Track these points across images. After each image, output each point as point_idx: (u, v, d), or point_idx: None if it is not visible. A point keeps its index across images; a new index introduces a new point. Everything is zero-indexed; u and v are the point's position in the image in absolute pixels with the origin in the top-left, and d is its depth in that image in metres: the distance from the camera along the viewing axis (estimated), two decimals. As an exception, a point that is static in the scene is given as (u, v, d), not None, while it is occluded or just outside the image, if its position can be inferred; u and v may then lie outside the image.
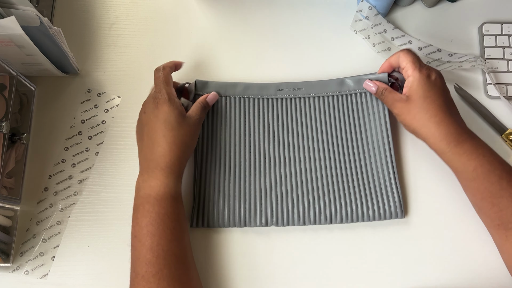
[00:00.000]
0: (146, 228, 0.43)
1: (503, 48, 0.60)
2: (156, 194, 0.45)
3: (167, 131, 0.47)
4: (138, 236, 0.44)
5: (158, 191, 0.45)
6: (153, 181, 0.46)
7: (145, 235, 0.43)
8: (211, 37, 0.61)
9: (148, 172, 0.46)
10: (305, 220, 0.51)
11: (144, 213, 0.44)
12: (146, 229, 0.43)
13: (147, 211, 0.44)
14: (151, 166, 0.46)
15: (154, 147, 0.47)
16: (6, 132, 0.48)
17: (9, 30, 0.45)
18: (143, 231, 0.43)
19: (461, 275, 0.50)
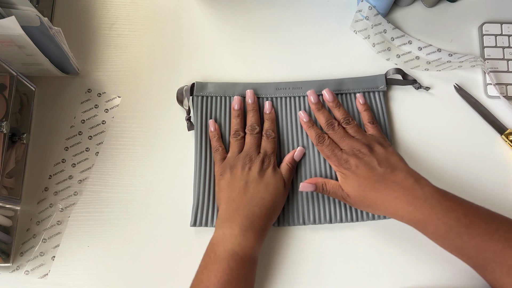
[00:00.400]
0: (224, 285, 0.43)
1: (503, 48, 0.60)
2: (243, 254, 0.45)
3: (267, 195, 0.48)
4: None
5: (246, 252, 0.45)
6: (244, 241, 0.46)
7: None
8: (211, 37, 0.61)
9: (241, 229, 0.46)
10: (305, 220, 0.51)
11: (227, 270, 0.44)
12: (223, 285, 0.43)
13: (230, 269, 0.44)
14: (245, 223, 0.46)
15: (252, 206, 0.47)
16: (6, 132, 0.48)
17: (9, 30, 0.45)
18: (219, 286, 0.43)
19: (461, 275, 0.50)
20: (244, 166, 0.50)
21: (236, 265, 0.44)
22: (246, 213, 0.47)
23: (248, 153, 0.51)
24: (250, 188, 0.48)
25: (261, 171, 0.49)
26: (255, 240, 0.46)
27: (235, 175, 0.49)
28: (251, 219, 0.47)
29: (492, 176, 0.55)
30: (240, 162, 0.50)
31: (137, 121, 0.57)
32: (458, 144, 0.56)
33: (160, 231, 0.52)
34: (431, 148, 0.56)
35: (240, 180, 0.49)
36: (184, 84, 0.58)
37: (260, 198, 0.48)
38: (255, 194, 0.48)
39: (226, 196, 0.49)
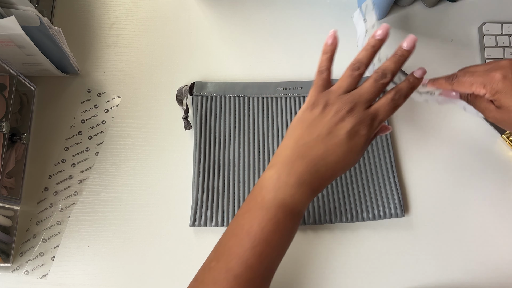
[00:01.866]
0: (267, 235, 0.39)
1: (503, 48, 0.60)
2: (294, 208, 0.40)
3: (342, 160, 0.40)
4: (251, 236, 0.39)
5: (297, 207, 0.40)
6: (298, 195, 0.40)
7: (261, 240, 0.39)
8: (211, 37, 0.61)
9: (299, 182, 0.40)
10: (305, 220, 0.51)
11: (274, 219, 0.39)
12: (266, 235, 0.39)
13: (277, 220, 0.39)
14: (304, 177, 0.40)
15: (321, 164, 0.40)
16: (6, 132, 0.48)
17: (9, 30, 0.45)
18: (260, 236, 0.39)
19: (461, 274, 0.50)
20: (340, 111, 0.40)
21: (284, 217, 0.39)
22: (311, 167, 0.40)
23: (356, 100, 0.40)
24: (331, 143, 0.40)
25: (353, 133, 0.39)
26: (308, 197, 0.40)
27: (324, 116, 0.40)
28: (313, 176, 0.40)
29: (492, 176, 0.55)
30: (340, 104, 0.40)
31: (137, 121, 0.57)
32: (458, 144, 0.56)
33: (160, 231, 0.52)
34: (431, 148, 0.56)
35: (326, 125, 0.40)
36: (184, 84, 0.58)
37: (334, 162, 0.40)
38: (332, 153, 0.40)
39: (300, 134, 0.41)
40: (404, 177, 0.54)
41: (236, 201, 0.52)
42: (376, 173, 0.53)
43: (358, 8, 0.52)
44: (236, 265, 0.39)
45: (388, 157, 0.54)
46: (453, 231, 0.52)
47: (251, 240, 0.39)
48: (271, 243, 0.39)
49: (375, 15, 0.55)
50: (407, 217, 0.53)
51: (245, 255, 0.39)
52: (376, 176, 0.53)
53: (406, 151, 0.56)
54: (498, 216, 0.53)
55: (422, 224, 0.52)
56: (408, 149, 0.56)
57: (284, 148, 0.41)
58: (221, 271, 0.39)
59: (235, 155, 0.54)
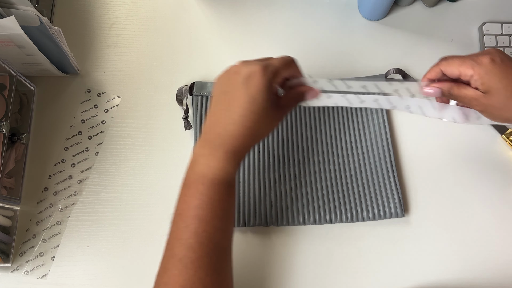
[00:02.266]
0: (195, 210, 0.39)
1: (503, 48, 0.60)
2: (213, 177, 0.40)
3: (248, 112, 0.40)
4: (183, 216, 0.40)
5: (216, 174, 0.40)
6: (214, 162, 0.40)
7: (191, 217, 0.39)
8: (211, 37, 0.61)
9: (211, 148, 0.41)
10: (305, 220, 0.51)
11: (196, 194, 0.40)
12: (194, 211, 0.39)
13: (200, 193, 0.40)
14: (216, 142, 0.41)
15: (228, 122, 0.40)
16: (6, 132, 0.48)
17: (9, 30, 0.45)
18: (190, 213, 0.40)
19: (461, 274, 0.50)
20: (233, 67, 0.41)
21: (205, 188, 0.40)
22: (218, 130, 0.41)
23: (251, 61, 0.42)
24: (230, 99, 0.40)
25: (248, 79, 0.40)
26: (227, 162, 0.40)
27: (220, 80, 0.42)
28: (223, 138, 0.40)
29: (492, 176, 0.55)
30: (237, 66, 0.42)
31: (137, 121, 0.57)
32: (458, 144, 0.56)
33: (160, 231, 0.52)
34: (431, 148, 0.56)
35: (221, 87, 0.41)
36: (184, 84, 0.57)
37: (240, 116, 0.40)
38: (235, 109, 0.40)
39: (210, 111, 0.42)
40: (404, 177, 0.54)
41: (237, 201, 0.52)
42: (376, 173, 0.53)
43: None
44: (178, 249, 0.39)
45: (388, 157, 0.54)
46: (453, 231, 0.52)
47: (183, 221, 0.40)
48: (203, 218, 0.39)
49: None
50: (407, 217, 0.53)
51: (183, 236, 0.39)
52: (376, 176, 0.53)
53: (406, 151, 0.56)
54: (498, 216, 0.53)
55: (422, 224, 0.52)
56: (408, 149, 0.56)
57: (203, 126, 0.43)
58: (168, 259, 0.40)
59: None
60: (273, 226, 0.51)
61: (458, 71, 0.44)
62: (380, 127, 0.55)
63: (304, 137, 0.55)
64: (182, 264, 0.39)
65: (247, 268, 0.50)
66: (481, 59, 0.43)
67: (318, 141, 0.55)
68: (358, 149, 0.55)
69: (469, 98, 0.44)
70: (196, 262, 0.38)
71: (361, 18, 0.63)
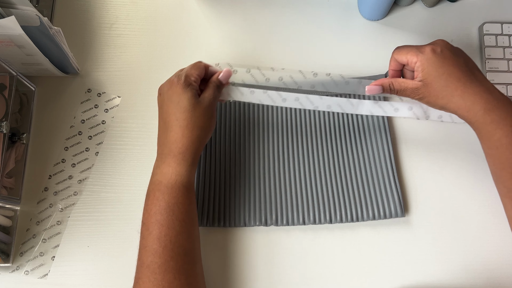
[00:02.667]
0: (155, 216, 0.42)
1: (503, 48, 0.60)
2: (167, 181, 0.43)
3: (179, 114, 0.44)
4: (146, 224, 0.42)
5: (169, 178, 0.43)
6: (165, 168, 0.44)
7: (153, 223, 0.42)
8: (211, 37, 0.61)
9: (162, 157, 0.45)
10: (305, 220, 0.51)
11: (154, 200, 0.43)
12: (154, 218, 0.42)
13: (157, 199, 0.43)
14: (164, 151, 0.45)
15: (168, 131, 0.45)
16: (6, 132, 0.48)
17: (9, 30, 0.45)
18: (152, 220, 0.42)
19: (461, 274, 0.50)
20: (159, 91, 0.48)
21: (161, 194, 0.43)
22: (163, 140, 0.45)
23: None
24: (162, 114, 0.46)
25: (168, 92, 0.46)
26: (177, 165, 0.44)
27: (158, 105, 0.48)
28: (168, 145, 0.44)
29: (492, 176, 0.55)
30: (159, 89, 0.48)
31: (137, 121, 0.57)
32: (458, 144, 0.56)
33: (160, 231, 0.52)
34: (431, 147, 0.56)
35: (159, 108, 0.48)
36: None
37: (174, 120, 0.45)
38: (167, 118, 0.45)
39: (158, 132, 0.48)
40: (404, 177, 0.54)
41: (235, 201, 0.52)
42: (376, 173, 0.53)
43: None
44: (145, 257, 0.41)
45: (388, 157, 0.54)
46: (453, 231, 0.52)
47: (146, 228, 0.42)
48: (163, 222, 0.41)
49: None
50: (407, 217, 0.53)
51: (147, 243, 0.41)
52: (376, 176, 0.53)
53: (406, 151, 0.56)
54: (498, 216, 0.53)
55: (422, 224, 0.52)
56: (408, 149, 0.56)
57: None
58: (138, 269, 0.42)
59: (235, 156, 0.54)
60: (273, 226, 0.51)
61: (406, 59, 0.47)
62: (380, 127, 0.55)
63: (304, 137, 0.55)
64: (150, 270, 0.40)
65: (247, 268, 0.51)
66: (424, 48, 0.46)
67: (318, 141, 0.55)
68: (358, 149, 0.55)
69: (409, 90, 0.48)
70: (163, 266, 0.40)
71: (361, 18, 0.63)
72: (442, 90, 0.45)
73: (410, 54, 0.47)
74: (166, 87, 0.47)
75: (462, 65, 0.45)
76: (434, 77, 0.45)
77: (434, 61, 0.45)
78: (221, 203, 0.52)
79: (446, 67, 0.45)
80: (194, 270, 0.43)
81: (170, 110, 0.45)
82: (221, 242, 0.51)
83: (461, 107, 0.45)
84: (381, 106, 0.51)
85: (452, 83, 0.45)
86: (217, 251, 0.51)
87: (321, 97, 0.51)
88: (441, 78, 0.45)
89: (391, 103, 0.51)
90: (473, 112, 0.44)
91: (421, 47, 0.47)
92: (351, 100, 0.51)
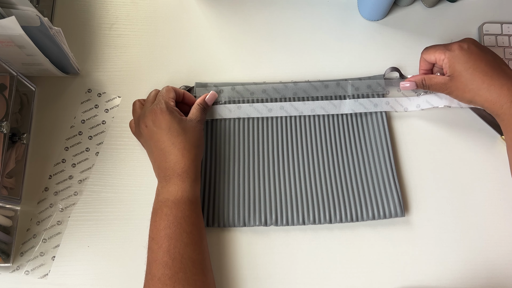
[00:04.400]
0: (164, 230, 0.44)
1: (503, 48, 0.60)
2: (174, 198, 0.46)
3: (174, 139, 0.47)
4: (155, 239, 0.44)
5: (176, 195, 0.46)
6: (171, 187, 0.46)
7: (162, 237, 0.44)
8: (211, 37, 0.61)
9: (166, 179, 0.47)
10: (305, 220, 0.51)
11: (162, 216, 0.45)
12: (163, 232, 0.44)
13: (165, 214, 0.45)
14: (168, 174, 0.47)
15: (167, 156, 0.47)
16: (7, 132, 0.48)
17: (9, 30, 0.45)
18: (161, 234, 0.44)
19: (461, 274, 0.50)
20: (141, 128, 0.49)
21: (169, 209, 0.45)
22: (164, 165, 0.47)
23: (140, 113, 0.50)
24: (154, 142, 0.48)
25: (155, 122, 0.48)
26: (183, 182, 0.46)
27: (143, 139, 0.50)
28: (171, 167, 0.47)
29: (492, 176, 0.55)
30: (138, 127, 0.50)
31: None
32: (458, 144, 0.56)
33: (160, 231, 0.52)
34: (431, 148, 0.56)
35: (146, 142, 0.50)
36: (184, 84, 0.58)
37: (170, 145, 0.47)
38: (162, 145, 0.47)
39: (152, 162, 0.50)
40: (404, 177, 0.54)
41: (235, 202, 0.52)
42: (376, 173, 0.53)
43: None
44: (155, 269, 0.43)
45: (388, 157, 0.54)
46: (453, 231, 0.52)
47: (155, 242, 0.44)
48: (172, 235, 0.43)
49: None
50: (407, 217, 0.53)
51: (158, 257, 0.43)
52: (376, 176, 0.53)
53: (406, 151, 0.56)
54: (498, 216, 0.53)
55: (422, 224, 0.52)
56: (408, 149, 0.56)
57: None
58: (148, 282, 0.43)
59: (235, 156, 0.54)
60: (273, 226, 0.51)
61: (434, 57, 0.51)
62: (380, 127, 0.55)
63: (304, 137, 0.55)
64: (161, 282, 0.42)
65: (247, 268, 0.51)
66: (451, 46, 0.50)
67: (318, 141, 0.55)
68: (358, 149, 0.55)
69: (439, 85, 0.51)
70: (173, 278, 0.42)
71: (361, 18, 0.63)
72: (469, 83, 0.48)
73: (438, 53, 0.50)
74: (149, 119, 0.48)
75: (490, 60, 0.48)
76: (461, 71, 0.48)
77: (461, 56, 0.48)
78: (221, 204, 0.52)
79: (473, 61, 0.47)
80: (204, 280, 0.44)
81: (163, 138, 0.47)
82: (221, 242, 0.52)
83: (488, 99, 0.47)
84: (362, 103, 0.56)
85: (478, 77, 0.47)
86: (217, 251, 0.51)
87: (305, 103, 0.56)
88: (467, 72, 0.47)
89: (370, 99, 0.56)
90: (499, 104, 0.46)
91: (448, 45, 0.50)
92: (333, 101, 0.55)
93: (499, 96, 0.46)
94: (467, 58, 0.48)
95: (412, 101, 0.57)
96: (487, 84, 0.47)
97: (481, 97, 0.48)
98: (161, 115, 0.48)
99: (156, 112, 0.48)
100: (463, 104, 0.55)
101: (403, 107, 0.56)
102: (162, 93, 0.50)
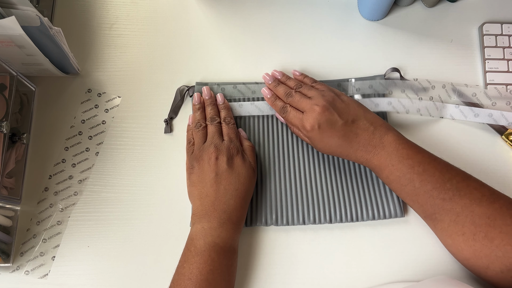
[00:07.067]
0: (207, 275, 0.44)
1: (503, 48, 0.60)
2: (224, 245, 0.46)
3: (239, 185, 0.48)
4: (192, 280, 0.44)
5: (226, 243, 0.46)
6: (224, 233, 0.46)
7: (202, 281, 0.44)
8: (211, 37, 0.61)
9: (220, 222, 0.47)
10: (305, 220, 0.51)
11: (209, 261, 0.45)
12: (205, 276, 0.44)
13: (212, 260, 0.45)
14: (222, 217, 0.47)
15: (228, 199, 0.47)
16: (7, 132, 0.48)
17: (9, 30, 0.45)
18: (201, 277, 0.44)
19: (460, 274, 0.50)
20: (210, 156, 0.49)
21: (217, 255, 0.45)
22: (222, 206, 0.47)
23: (212, 141, 0.50)
24: (222, 180, 0.48)
25: (229, 161, 0.49)
26: (234, 231, 0.47)
27: (203, 168, 0.49)
28: (228, 212, 0.47)
29: (492, 176, 0.55)
30: (206, 153, 0.49)
31: (137, 121, 0.57)
32: (458, 144, 0.56)
33: (160, 231, 0.52)
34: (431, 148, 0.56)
35: (210, 172, 0.48)
36: (184, 84, 0.58)
37: (234, 190, 0.48)
38: (228, 186, 0.48)
39: (199, 191, 0.48)
40: (404, 177, 0.54)
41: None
42: (376, 173, 0.53)
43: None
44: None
45: (388, 157, 0.54)
46: (453, 231, 0.52)
47: (193, 284, 0.44)
48: (212, 281, 0.44)
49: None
50: (407, 217, 0.53)
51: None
52: (376, 176, 0.53)
53: (406, 151, 0.56)
54: (498, 216, 0.53)
55: (422, 224, 0.52)
56: (408, 149, 0.56)
57: (195, 208, 0.48)
58: None
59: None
60: (273, 226, 0.51)
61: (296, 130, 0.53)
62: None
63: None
64: None
65: (247, 268, 0.51)
66: (303, 125, 0.50)
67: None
68: (358, 149, 0.55)
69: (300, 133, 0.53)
70: None
71: (361, 18, 0.63)
72: (332, 153, 0.51)
73: (294, 129, 0.53)
74: (224, 154, 0.49)
75: (340, 130, 0.48)
76: (320, 148, 0.51)
77: (315, 137, 0.49)
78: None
79: (326, 140, 0.49)
80: None
81: (230, 179, 0.48)
82: (221, 242, 0.52)
83: (355, 160, 0.50)
84: (363, 103, 0.54)
85: (334, 152, 0.50)
86: (217, 251, 0.51)
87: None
88: (325, 150, 0.50)
89: (372, 99, 0.56)
90: (365, 163, 0.49)
91: (302, 122, 0.50)
92: None
93: (358, 159, 0.49)
94: (320, 138, 0.49)
95: (415, 104, 0.56)
96: (344, 155, 0.50)
97: (341, 154, 0.50)
98: (237, 157, 0.49)
99: (233, 151, 0.49)
100: (469, 118, 0.56)
101: (405, 109, 0.56)
102: (233, 131, 0.52)
